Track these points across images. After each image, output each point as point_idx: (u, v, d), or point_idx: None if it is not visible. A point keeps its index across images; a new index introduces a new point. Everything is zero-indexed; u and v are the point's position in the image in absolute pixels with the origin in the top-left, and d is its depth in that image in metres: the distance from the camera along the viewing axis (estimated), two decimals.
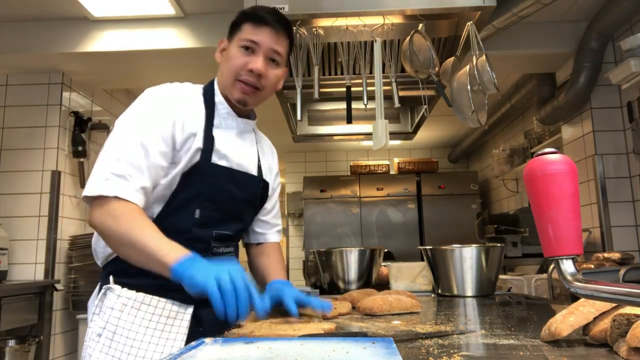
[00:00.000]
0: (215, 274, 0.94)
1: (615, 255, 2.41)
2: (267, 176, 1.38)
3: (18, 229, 3.22)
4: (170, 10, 2.93)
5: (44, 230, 3.22)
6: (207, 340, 0.86)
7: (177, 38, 3.02)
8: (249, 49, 1.22)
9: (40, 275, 3.18)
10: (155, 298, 1.15)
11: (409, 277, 1.95)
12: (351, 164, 5.68)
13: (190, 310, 1.17)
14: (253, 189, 1.31)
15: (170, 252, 1.00)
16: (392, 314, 1.29)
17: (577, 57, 3.01)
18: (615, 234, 2.94)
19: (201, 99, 1.26)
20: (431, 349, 0.84)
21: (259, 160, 1.36)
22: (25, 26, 3.07)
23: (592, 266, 2.37)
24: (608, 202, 2.98)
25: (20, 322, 2.89)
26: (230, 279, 0.94)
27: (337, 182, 5.42)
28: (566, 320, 0.81)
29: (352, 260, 1.96)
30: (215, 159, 1.21)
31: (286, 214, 6.41)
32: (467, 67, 1.87)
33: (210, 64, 3.26)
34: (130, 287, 1.15)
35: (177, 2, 2.86)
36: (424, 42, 1.85)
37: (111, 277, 1.18)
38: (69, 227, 3.39)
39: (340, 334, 0.97)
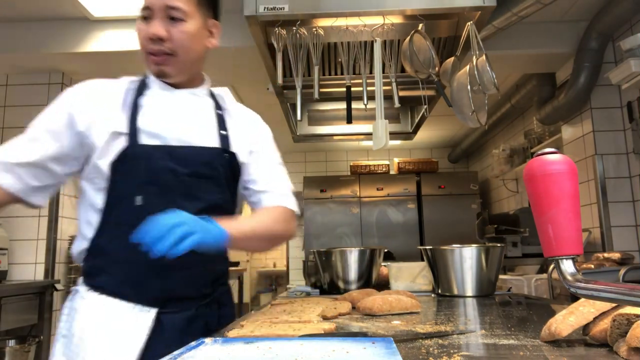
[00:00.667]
0: None
1: (615, 255, 2.41)
2: (235, 145, 1.23)
3: (18, 229, 3.21)
4: None
5: (44, 230, 3.22)
6: (207, 340, 0.86)
7: None
8: (146, 18, 1.15)
9: (40, 275, 3.18)
10: (117, 300, 1.09)
11: (409, 277, 1.95)
12: (351, 164, 5.68)
13: (152, 315, 1.09)
14: (205, 162, 1.16)
15: None
16: (392, 314, 1.29)
17: (577, 57, 3.01)
18: (615, 234, 2.94)
19: (124, 86, 1.21)
20: (431, 349, 0.84)
21: (221, 129, 1.22)
22: (25, 26, 3.07)
23: (592, 266, 2.37)
24: (608, 202, 2.98)
25: (20, 322, 2.89)
26: None
27: (337, 182, 5.42)
28: (566, 320, 0.81)
29: (352, 260, 1.96)
30: (145, 140, 1.12)
31: None
32: (467, 67, 1.87)
33: (210, 63, 3.26)
34: (96, 288, 1.11)
35: None
36: (424, 42, 1.85)
37: (81, 278, 1.16)
38: (69, 227, 3.39)
39: (340, 334, 0.97)
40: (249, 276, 8.15)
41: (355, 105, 2.04)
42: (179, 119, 1.18)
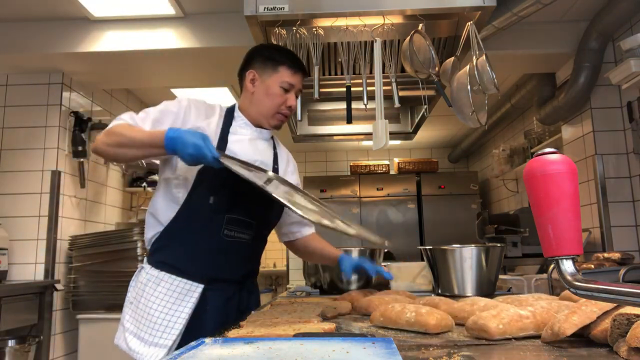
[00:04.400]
0: (196, 134, 1.27)
1: (615, 255, 2.41)
2: (282, 173, 1.62)
3: (18, 229, 3.21)
4: (170, 10, 2.93)
5: (44, 230, 3.21)
6: (207, 340, 0.86)
7: (177, 38, 3.02)
8: (286, 90, 1.53)
9: (40, 275, 3.18)
10: (173, 276, 1.41)
11: (409, 277, 1.95)
12: (351, 164, 5.68)
13: (199, 289, 1.41)
14: None
15: (160, 132, 1.30)
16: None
17: (577, 57, 3.00)
18: (615, 234, 2.94)
19: (220, 111, 1.55)
20: (431, 348, 0.84)
21: (274, 162, 1.62)
22: (25, 26, 3.07)
23: (592, 266, 2.36)
24: (608, 202, 2.98)
25: (20, 322, 2.89)
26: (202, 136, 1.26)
27: (337, 182, 5.41)
28: (570, 320, 0.81)
29: None
30: None
31: None
32: (467, 67, 1.87)
33: (210, 63, 3.27)
34: (158, 264, 1.44)
35: (177, 2, 2.86)
36: (424, 42, 1.85)
37: (146, 258, 1.49)
38: (69, 227, 3.39)
39: (340, 334, 0.97)
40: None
41: (355, 105, 2.04)
42: (252, 147, 1.54)
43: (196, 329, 1.39)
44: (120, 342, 1.43)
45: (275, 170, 1.61)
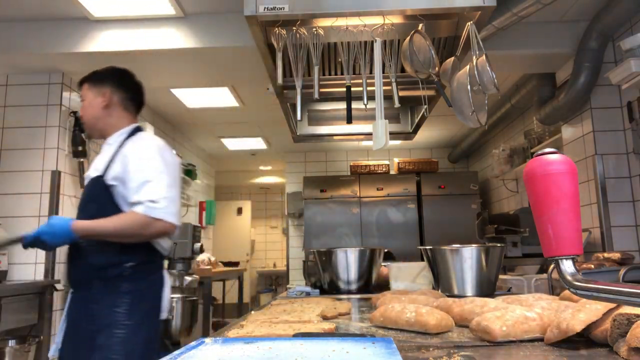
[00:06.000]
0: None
1: (615, 255, 2.41)
2: (110, 171, 1.69)
3: (18, 229, 3.21)
4: (170, 10, 2.93)
5: None
6: (207, 340, 0.86)
7: (177, 38, 3.02)
8: None
9: (40, 275, 3.18)
10: None
11: (409, 277, 1.94)
12: (351, 164, 5.68)
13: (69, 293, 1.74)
14: (91, 188, 1.73)
15: None
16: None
17: (577, 57, 3.00)
18: (615, 234, 2.94)
19: None
20: (431, 348, 0.84)
21: (109, 163, 1.71)
22: (25, 26, 3.07)
23: (592, 266, 2.36)
24: (608, 202, 2.98)
25: (20, 322, 2.89)
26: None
27: (337, 182, 5.42)
28: (577, 317, 0.80)
29: (352, 260, 1.96)
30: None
31: (286, 214, 6.42)
32: (467, 67, 1.87)
33: (210, 63, 3.27)
34: None
35: (177, 2, 2.86)
36: (424, 42, 1.85)
37: None
38: None
39: (340, 334, 0.97)
40: (249, 276, 8.15)
41: (355, 105, 2.04)
42: (98, 157, 1.79)
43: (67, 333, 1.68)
44: None
45: (107, 168, 1.71)
